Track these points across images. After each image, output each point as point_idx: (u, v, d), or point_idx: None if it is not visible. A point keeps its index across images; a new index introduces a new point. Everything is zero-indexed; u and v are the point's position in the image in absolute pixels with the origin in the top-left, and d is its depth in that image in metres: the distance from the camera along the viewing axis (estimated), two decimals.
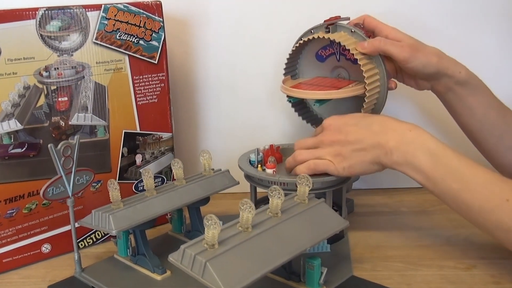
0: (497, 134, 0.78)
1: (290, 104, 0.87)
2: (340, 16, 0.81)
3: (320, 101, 0.80)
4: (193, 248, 0.52)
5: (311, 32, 0.82)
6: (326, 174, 0.72)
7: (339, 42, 0.76)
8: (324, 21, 0.80)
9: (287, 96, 0.83)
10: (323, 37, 0.77)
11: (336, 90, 0.77)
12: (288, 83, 0.83)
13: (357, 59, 0.75)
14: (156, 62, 0.80)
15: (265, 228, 0.58)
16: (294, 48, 0.82)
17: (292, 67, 0.86)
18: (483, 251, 0.73)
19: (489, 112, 0.78)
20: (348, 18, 0.81)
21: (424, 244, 0.76)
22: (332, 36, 0.77)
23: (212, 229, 0.52)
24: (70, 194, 0.67)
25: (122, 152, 0.80)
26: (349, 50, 0.76)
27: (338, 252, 0.73)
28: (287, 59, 0.84)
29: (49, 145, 0.63)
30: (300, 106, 0.88)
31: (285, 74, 0.85)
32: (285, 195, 0.63)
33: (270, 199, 0.61)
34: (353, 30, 0.79)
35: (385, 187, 0.98)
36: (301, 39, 0.81)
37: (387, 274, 0.68)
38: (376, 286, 0.64)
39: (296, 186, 0.65)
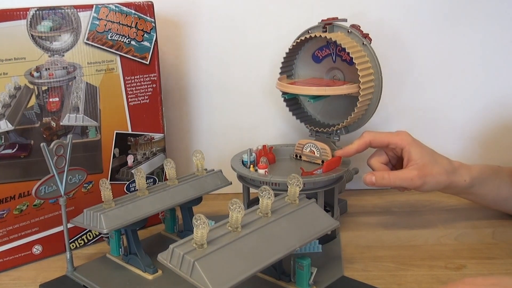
0: None
1: (283, 105, 0.87)
2: (337, 17, 0.81)
3: (314, 98, 0.81)
4: (182, 247, 0.52)
5: (308, 32, 0.82)
6: None
7: (335, 42, 0.76)
8: (322, 20, 0.81)
9: (282, 92, 0.83)
10: (320, 36, 0.77)
11: (330, 87, 0.78)
12: (284, 81, 0.84)
13: (352, 58, 0.75)
14: (147, 62, 0.80)
15: (254, 228, 0.58)
16: (291, 47, 0.82)
17: (288, 66, 0.87)
18: (473, 251, 0.73)
19: (500, 191, 0.79)
20: (345, 20, 0.81)
21: (415, 244, 0.76)
22: (329, 35, 0.78)
23: (201, 229, 0.52)
24: (62, 193, 0.67)
25: (113, 153, 0.80)
26: (345, 50, 0.76)
27: (329, 252, 0.73)
28: (284, 58, 0.84)
29: (41, 144, 0.63)
30: (293, 103, 0.88)
31: (281, 73, 0.86)
32: (277, 195, 0.63)
33: (260, 199, 0.61)
34: (349, 31, 0.79)
35: (376, 188, 0.98)
36: (299, 38, 0.81)
37: (378, 274, 0.68)
38: (366, 286, 0.64)
39: (287, 187, 0.66)
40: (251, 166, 0.79)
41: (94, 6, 0.75)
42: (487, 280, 0.51)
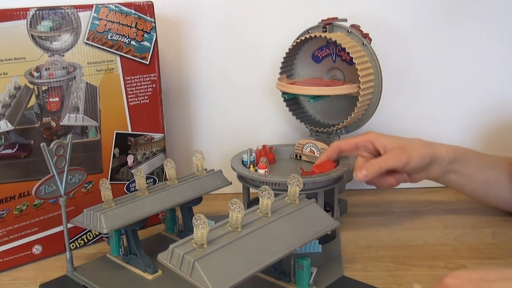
0: (503, 187, 0.79)
1: (283, 105, 0.87)
2: (337, 17, 0.81)
3: (314, 98, 0.81)
4: (182, 247, 0.52)
5: (308, 31, 0.82)
6: None
7: (335, 42, 0.76)
8: (322, 20, 0.81)
9: (282, 92, 0.83)
10: (320, 36, 0.78)
11: (330, 87, 0.78)
12: (284, 81, 0.84)
13: (352, 58, 0.75)
14: (147, 62, 0.80)
15: (254, 228, 0.58)
16: (291, 47, 0.82)
17: (288, 66, 0.87)
18: (473, 251, 0.73)
19: (486, 171, 0.79)
20: (345, 20, 0.81)
21: (415, 244, 0.76)
22: (328, 35, 0.78)
23: (201, 229, 0.52)
24: (62, 193, 0.67)
25: (113, 153, 0.80)
26: (345, 49, 0.76)
27: (329, 252, 0.73)
28: (284, 58, 0.84)
29: (41, 144, 0.63)
30: (293, 102, 0.89)
31: (281, 73, 0.86)
32: (277, 195, 0.63)
33: (260, 199, 0.61)
34: (349, 31, 0.79)
35: (376, 188, 0.98)
36: (298, 38, 0.81)
37: (378, 274, 0.68)
38: (366, 286, 0.64)
39: (287, 187, 0.66)
40: (251, 166, 0.79)
41: (94, 6, 0.75)
42: (477, 273, 0.50)
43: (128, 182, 0.83)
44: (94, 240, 0.81)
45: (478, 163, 0.79)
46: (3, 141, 0.71)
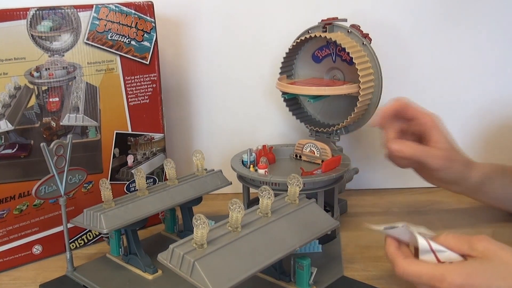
0: None
1: (283, 105, 0.87)
2: (337, 17, 0.81)
3: (314, 98, 0.81)
4: (182, 247, 0.52)
5: (308, 32, 0.82)
6: None
7: (335, 42, 0.76)
8: (322, 20, 0.81)
9: (282, 92, 0.83)
10: (320, 36, 0.78)
11: (330, 87, 0.78)
12: (284, 81, 0.84)
13: (352, 58, 0.75)
14: (147, 62, 0.80)
15: (254, 228, 0.58)
16: (291, 47, 0.82)
17: (288, 66, 0.87)
18: None
19: (506, 190, 0.77)
20: (345, 20, 0.81)
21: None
22: (328, 35, 0.78)
23: (201, 229, 0.52)
24: (62, 193, 0.67)
25: (113, 153, 0.80)
26: (345, 49, 0.76)
27: (329, 252, 0.73)
28: (284, 58, 0.84)
29: (41, 144, 0.63)
30: (293, 103, 0.89)
31: (281, 73, 0.86)
32: (277, 195, 0.63)
33: (260, 199, 0.61)
34: (349, 31, 0.79)
35: (376, 188, 0.99)
36: (298, 38, 0.81)
37: (378, 274, 0.68)
38: (366, 286, 0.64)
39: (287, 187, 0.66)
40: (251, 166, 0.79)
41: (94, 6, 0.75)
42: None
43: (128, 182, 0.83)
44: (94, 240, 0.81)
45: (503, 181, 0.76)
46: (3, 141, 0.71)
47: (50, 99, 0.74)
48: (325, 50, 0.85)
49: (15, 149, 0.72)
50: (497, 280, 0.50)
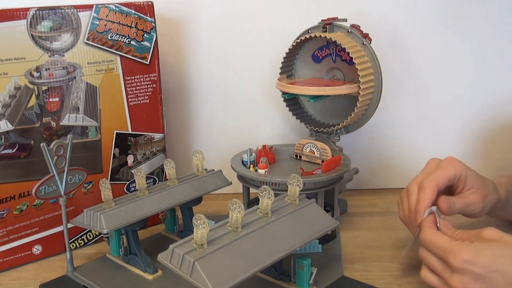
0: None
1: (283, 105, 0.87)
2: (337, 17, 0.81)
3: (314, 98, 0.81)
4: (182, 247, 0.52)
5: (308, 32, 0.82)
6: None
7: (335, 42, 0.76)
8: (322, 20, 0.81)
9: (282, 92, 0.83)
10: (320, 36, 0.78)
11: (330, 87, 0.78)
12: (284, 81, 0.84)
13: (352, 58, 0.75)
14: (147, 62, 0.80)
15: (254, 228, 0.58)
16: (291, 47, 0.82)
17: (288, 66, 0.87)
18: None
19: None
20: (345, 20, 0.81)
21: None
22: (328, 35, 0.78)
23: (201, 229, 0.52)
24: (62, 193, 0.67)
25: (113, 153, 0.80)
26: (345, 49, 0.76)
27: (329, 252, 0.73)
28: (284, 58, 0.84)
29: (41, 144, 0.63)
30: (293, 103, 0.89)
31: (281, 73, 0.86)
32: (277, 195, 0.63)
33: (260, 199, 0.61)
34: (349, 31, 0.79)
35: (376, 188, 0.99)
36: (298, 38, 0.81)
37: (378, 274, 0.68)
38: (366, 286, 0.65)
39: (287, 187, 0.66)
40: (251, 166, 0.79)
41: (94, 6, 0.75)
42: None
43: (128, 182, 0.83)
44: (94, 240, 0.81)
45: None
46: (3, 141, 0.71)
47: (50, 99, 0.74)
48: (325, 50, 0.85)
49: (15, 149, 0.72)
50: (500, 257, 0.55)
